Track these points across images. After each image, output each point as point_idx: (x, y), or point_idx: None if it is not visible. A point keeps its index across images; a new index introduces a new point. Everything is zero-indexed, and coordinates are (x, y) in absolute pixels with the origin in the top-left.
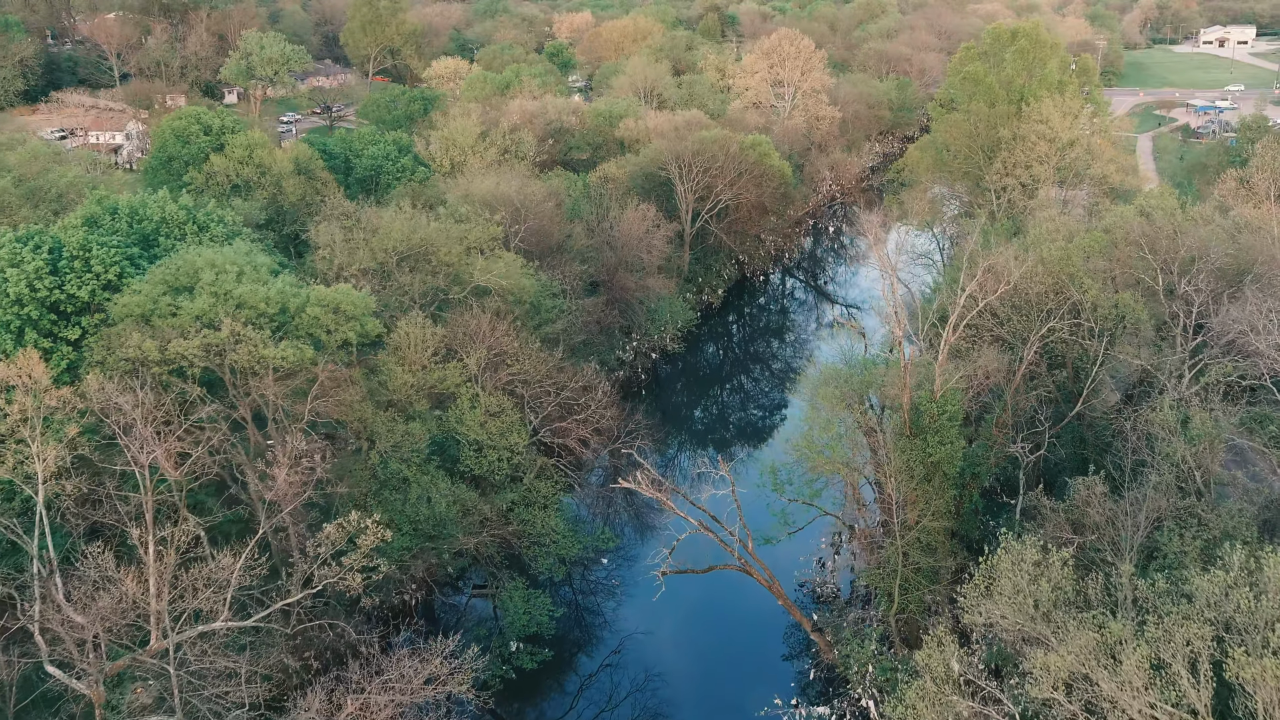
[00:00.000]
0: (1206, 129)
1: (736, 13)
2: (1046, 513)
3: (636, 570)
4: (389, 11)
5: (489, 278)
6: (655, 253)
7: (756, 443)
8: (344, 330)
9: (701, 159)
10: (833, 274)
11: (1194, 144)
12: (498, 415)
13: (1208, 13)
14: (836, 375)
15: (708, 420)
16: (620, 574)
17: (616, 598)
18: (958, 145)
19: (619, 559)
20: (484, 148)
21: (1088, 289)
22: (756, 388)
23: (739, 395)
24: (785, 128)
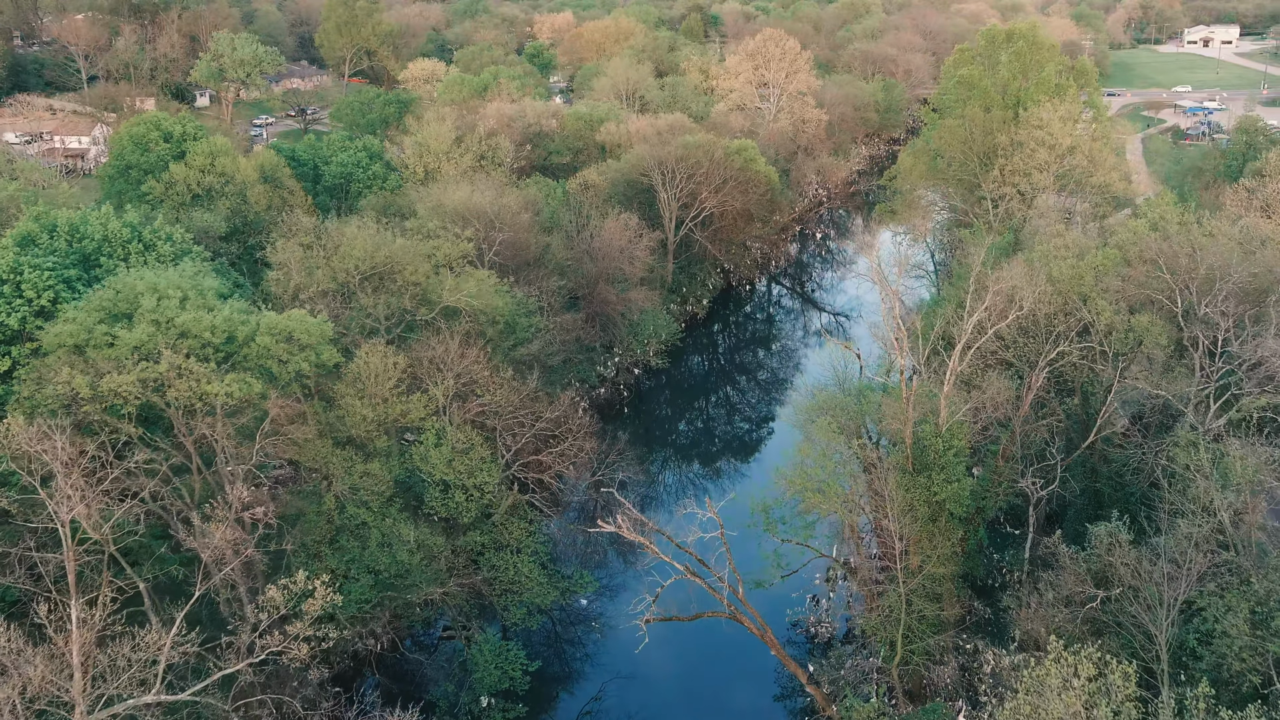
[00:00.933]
0: (1196, 130)
1: (719, 13)
2: (1064, 561)
3: (619, 613)
4: (364, 12)
5: (459, 298)
6: (637, 264)
7: (745, 463)
8: (297, 360)
9: (685, 165)
10: (820, 281)
11: (1185, 146)
12: (466, 452)
13: (1191, 12)
14: (831, 403)
15: (693, 437)
16: (601, 613)
17: (597, 644)
18: (952, 151)
19: (600, 600)
20: (459, 154)
21: (1100, 310)
22: (743, 400)
23: (726, 409)
24: (771, 131)
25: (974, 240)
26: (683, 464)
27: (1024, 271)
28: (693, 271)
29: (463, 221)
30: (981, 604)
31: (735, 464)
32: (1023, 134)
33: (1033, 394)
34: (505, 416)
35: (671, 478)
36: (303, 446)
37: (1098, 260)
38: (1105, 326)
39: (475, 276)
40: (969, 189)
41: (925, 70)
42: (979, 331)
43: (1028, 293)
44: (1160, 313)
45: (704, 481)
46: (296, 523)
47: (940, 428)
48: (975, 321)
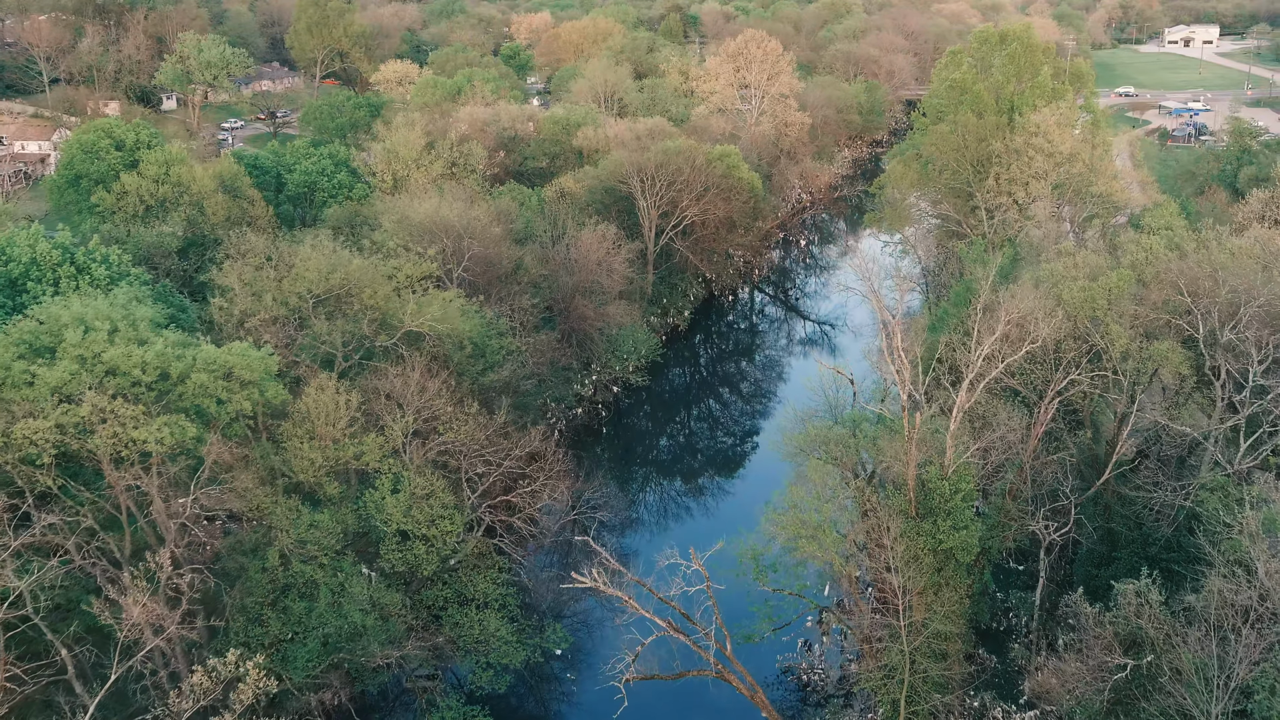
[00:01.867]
0: (1181, 132)
1: (698, 13)
2: (1087, 622)
3: (595, 671)
4: (336, 13)
5: (422, 322)
6: (616, 276)
7: (730, 486)
8: (238, 399)
9: (665, 172)
10: (805, 289)
11: (1173, 149)
12: (426, 498)
13: (1170, 12)
14: (824, 437)
15: (676, 457)
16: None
17: (571, 705)
18: (945, 159)
19: (575, 656)
20: (429, 161)
21: (1115, 336)
22: (728, 415)
23: (709, 426)
24: (752, 135)
25: (973, 256)
26: (665, 489)
27: (1036, 297)
28: (673, 282)
29: (429, 236)
30: (986, 651)
31: (721, 487)
32: (1019, 140)
33: (1042, 427)
34: (471, 455)
35: (653, 507)
36: (244, 495)
37: (1112, 282)
38: (1120, 354)
39: (440, 299)
40: (962, 197)
41: (908, 71)
42: (988, 363)
43: (1044, 323)
44: (1179, 338)
45: (687, 511)
46: (236, 582)
47: (946, 469)
48: (985, 354)
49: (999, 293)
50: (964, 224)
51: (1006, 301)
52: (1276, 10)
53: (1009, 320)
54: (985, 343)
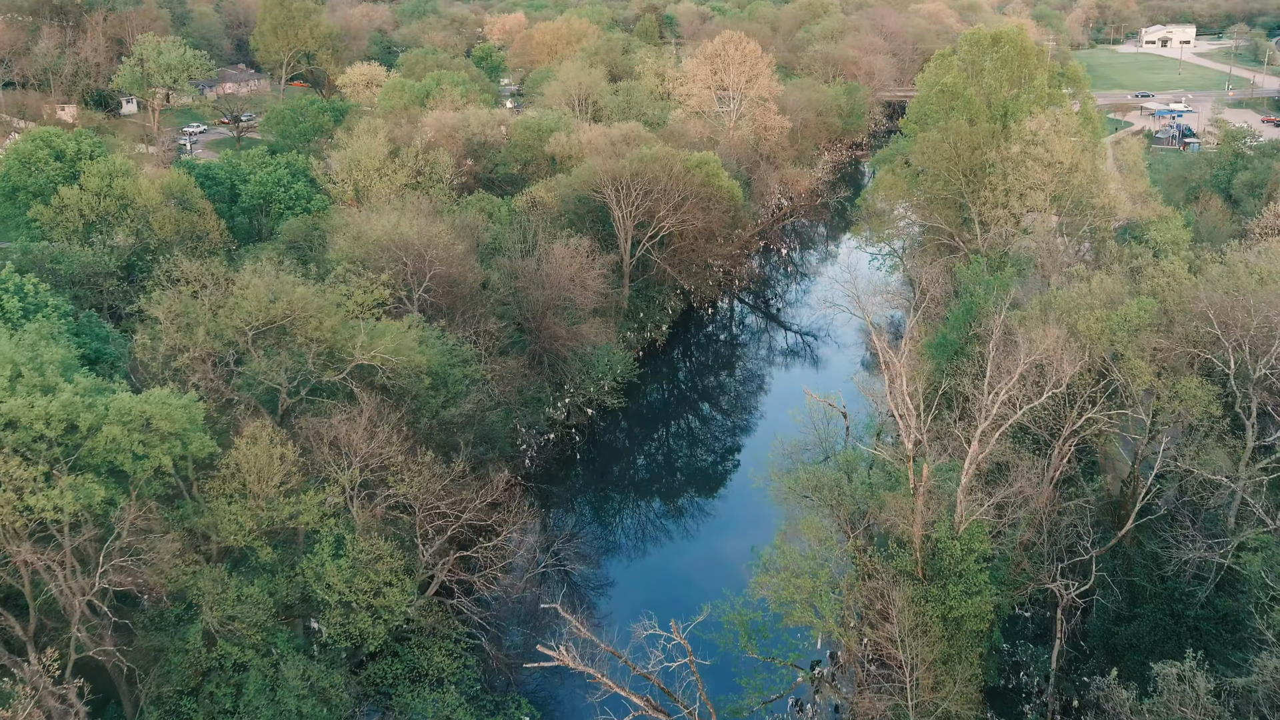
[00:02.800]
0: (1165, 134)
1: (674, 13)
2: (1122, 711)
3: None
4: (302, 13)
5: (373, 355)
6: (590, 293)
7: (713, 510)
8: (158, 454)
9: (641, 181)
10: (786, 298)
11: (1158, 152)
12: (373, 563)
13: (1147, 12)
14: (817, 482)
15: (654, 482)
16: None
17: None
18: (936, 168)
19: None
20: (392, 170)
21: (1137, 372)
22: (709, 434)
23: (688, 447)
24: (731, 139)
25: (972, 275)
26: (644, 517)
27: (1057, 336)
28: (651, 295)
29: (387, 255)
30: (995, 714)
31: (703, 512)
32: (1015, 149)
33: (1058, 472)
34: (426, 508)
35: (631, 540)
36: (162, 567)
37: (1131, 312)
38: (1142, 391)
39: (393, 329)
40: (954, 208)
41: (888, 72)
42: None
43: (1066, 365)
44: (1205, 373)
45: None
46: (152, 666)
47: (958, 528)
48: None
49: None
50: (956, 237)
51: (1025, 341)
52: (1252, 10)
53: (1029, 362)
54: (1001, 388)
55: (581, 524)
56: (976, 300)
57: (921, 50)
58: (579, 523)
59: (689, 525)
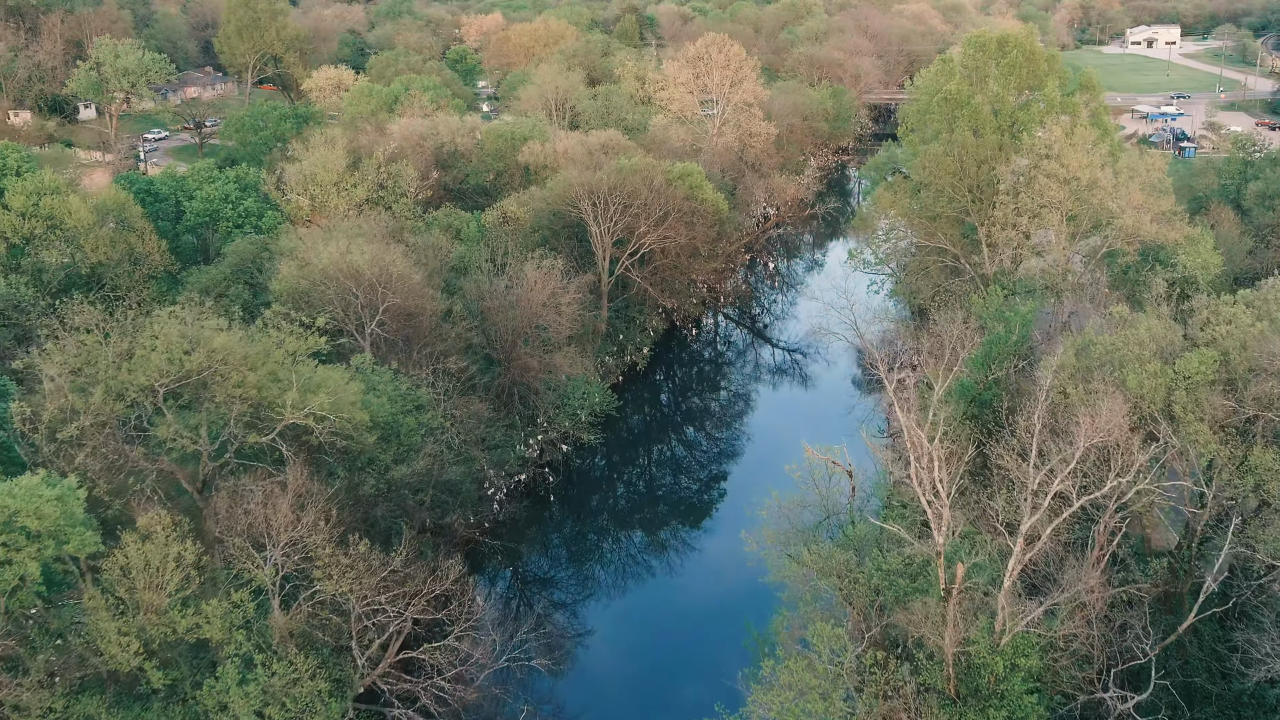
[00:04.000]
0: (1158, 138)
1: (655, 14)
2: None
3: None
4: (268, 15)
5: (307, 413)
6: (564, 319)
7: (701, 547)
8: (23, 559)
9: (620, 195)
10: (774, 314)
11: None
12: (291, 686)
13: (1131, 12)
14: (825, 566)
15: (635, 522)
16: None
17: None
18: (939, 183)
19: None
20: (351, 184)
21: (1198, 438)
22: (693, 459)
23: (672, 479)
24: (715, 147)
25: (990, 310)
26: (624, 562)
27: (1123, 413)
28: (631, 315)
29: (336, 286)
30: None
31: (688, 553)
32: (1025, 163)
33: (1105, 552)
34: (363, 603)
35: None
36: (25, 697)
37: (1192, 367)
38: (1205, 463)
39: (332, 380)
40: (959, 227)
41: (874, 75)
42: (1053, 502)
43: (1136, 448)
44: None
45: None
46: None
47: (998, 639)
48: (1053, 493)
49: (1046, 387)
50: (962, 258)
51: (1084, 420)
52: (1236, 10)
53: (1088, 444)
54: (1053, 482)
55: (556, 568)
56: (998, 340)
57: (907, 52)
58: (553, 567)
59: (674, 562)
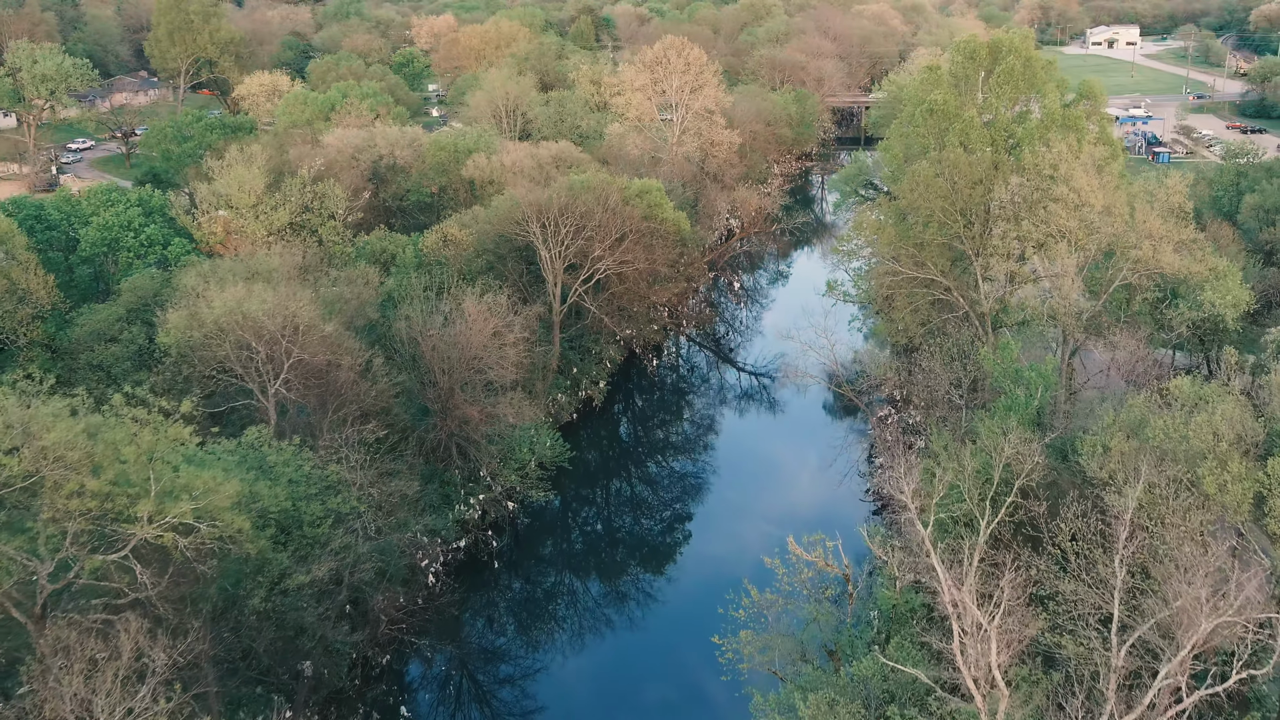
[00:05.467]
0: (1130, 143)
1: (612, 15)
2: None
3: None
4: (201, 16)
5: (163, 526)
6: (509, 361)
7: (664, 607)
8: None
9: (572, 215)
10: (740, 335)
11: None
12: None
13: (1090, 13)
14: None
15: (590, 570)
16: None
17: None
18: (929, 207)
19: None
20: (272, 206)
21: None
22: (656, 498)
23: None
24: (674, 157)
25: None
26: (581, 624)
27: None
28: (586, 346)
29: (233, 340)
30: None
31: (650, 605)
32: (1027, 186)
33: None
34: None
35: (563, 665)
36: None
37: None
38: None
39: (201, 480)
40: (951, 257)
41: (837, 78)
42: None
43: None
44: None
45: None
46: None
47: None
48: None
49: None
50: (954, 291)
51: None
52: (1194, 10)
53: (1202, 634)
54: (1160, 682)
55: (503, 638)
56: (1016, 406)
57: (869, 53)
58: (499, 638)
59: (634, 615)
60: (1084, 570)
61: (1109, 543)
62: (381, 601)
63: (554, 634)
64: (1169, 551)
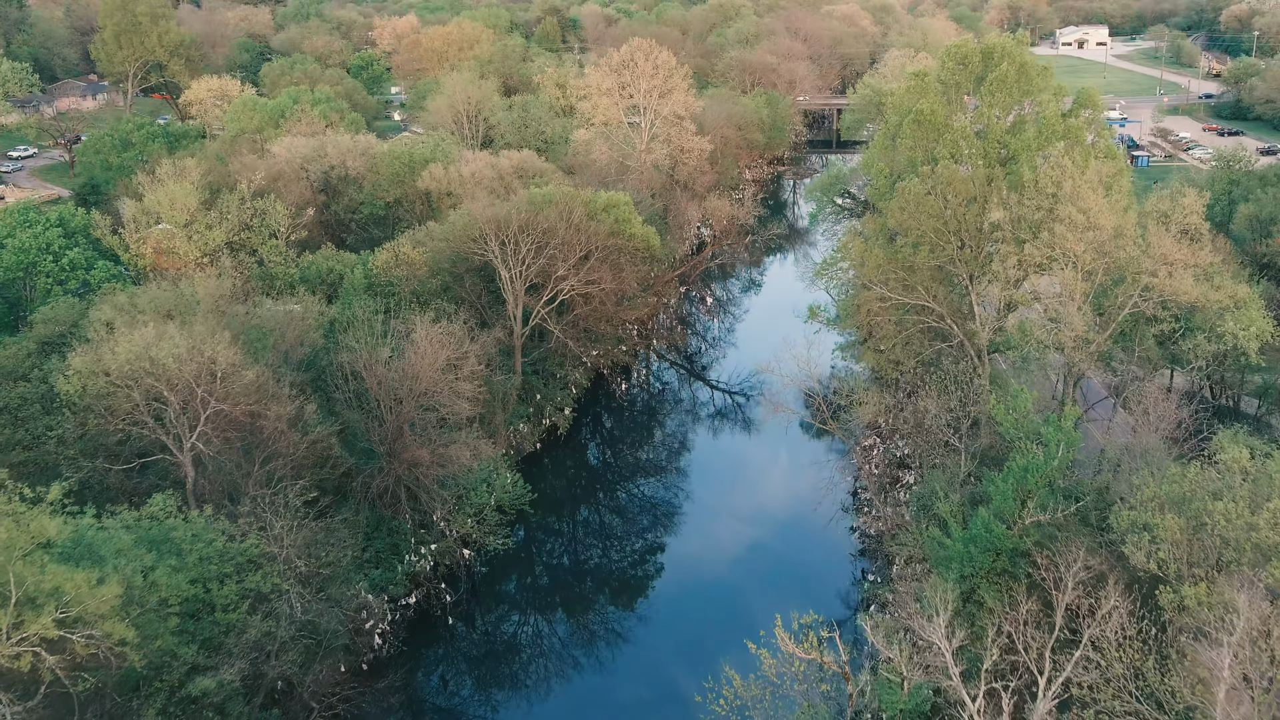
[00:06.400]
0: None
1: (579, 15)
2: None
3: None
4: (149, 18)
5: (25, 640)
6: (463, 397)
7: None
8: None
9: (533, 232)
10: (713, 352)
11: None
12: None
13: (1059, 12)
14: None
15: (554, 613)
16: None
17: None
18: (921, 229)
19: None
20: (206, 226)
21: None
22: (625, 531)
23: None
24: (643, 165)
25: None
26: (544, 688)
27: None
28: (550, 370)
29: (141, 390)
30: None
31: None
32: (1028, 204)
33: None
34: None
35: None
36: None
37: None
38: None
39: (76, 582)
40: (944, 282)
41: (809, 80)
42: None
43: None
44: None
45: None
46: None
47: None
48: None
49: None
50: (947, 320)
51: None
52: (1163, 10)
53: None
54: None
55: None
56: (1034, 469)
57: (840, 54)
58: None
59: (604, 656)
60: (1133, 680)
61: (1164, 650)
62: (313, 684)
63: (517, 686)
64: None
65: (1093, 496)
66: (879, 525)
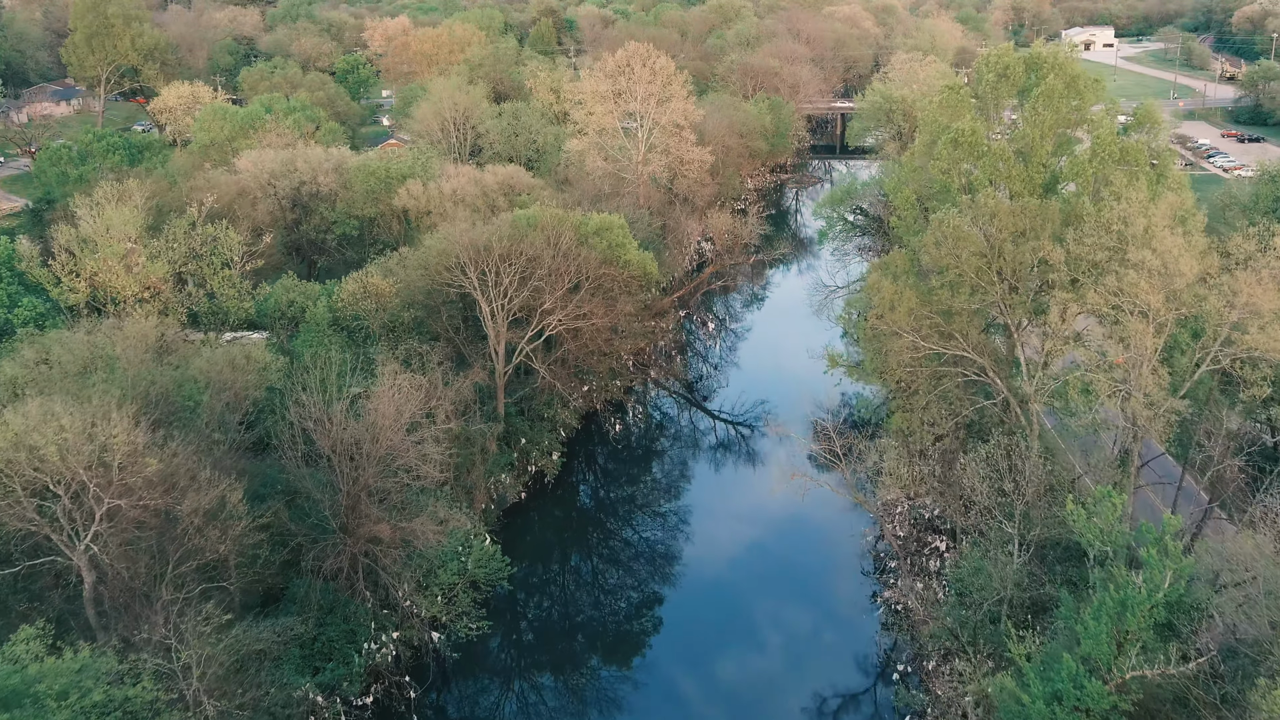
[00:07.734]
0: None
1: (575, 16)
2: None
3: None
4: (121, 21)
5: None
6: (432, 460)
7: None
8: None
9: (517, 259)
10: (714, 380)
11: None
12: None
13: (1064, 14)
14: None
15: (541, 687)
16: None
17: None
18: (960, 268)
19: None
20: (152, 256)
21: None
22: (621, 582)
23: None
24: (640, 178)
25: (1098, 534)
26: None
27: None
28: (537, 411)
29: (25, 481)
30: None
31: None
32: (1088, 240)
33: None
34: None
35: None
36: None
37: None
38: None
39: None
40: (981, 324)
41: (813, 84)
42: None
43: None
44: None
45: None
46: None
47: None
48: None
49: None
50: (989, 373)
51: None
52: (1169, 10)
53: None
54: None
55: None
56: (1134, 603)
57: (843, 57)
58: None
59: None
60: None
61: None
62: None
63: None
64: None
65: (1217, 653)
66: (906, 600)
